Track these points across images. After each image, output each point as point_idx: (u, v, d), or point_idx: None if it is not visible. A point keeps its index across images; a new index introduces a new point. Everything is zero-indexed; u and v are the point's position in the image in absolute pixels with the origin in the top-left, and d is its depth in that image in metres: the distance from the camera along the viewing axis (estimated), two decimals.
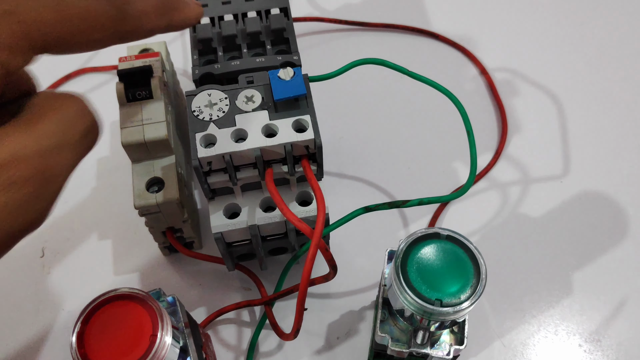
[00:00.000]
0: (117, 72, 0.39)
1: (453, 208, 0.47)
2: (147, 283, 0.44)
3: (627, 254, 0.44)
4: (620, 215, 0.46)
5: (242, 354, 0.41)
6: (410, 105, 0.52)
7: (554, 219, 0.46)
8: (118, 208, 0.47)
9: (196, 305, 0.43)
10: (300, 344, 0.41)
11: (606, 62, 0.55)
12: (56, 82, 0.54)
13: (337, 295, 0.43)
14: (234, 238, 0.37)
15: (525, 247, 0.45)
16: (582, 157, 0.49)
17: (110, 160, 0.49)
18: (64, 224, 0.46)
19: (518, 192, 0.47)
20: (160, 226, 0.40)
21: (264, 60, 0.39)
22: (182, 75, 0.55)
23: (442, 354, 0.33)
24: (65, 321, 0.42)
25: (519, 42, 0.56)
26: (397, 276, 0.29)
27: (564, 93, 0.53)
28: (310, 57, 0.55)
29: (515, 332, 0.41)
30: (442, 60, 0.55)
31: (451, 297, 0.29)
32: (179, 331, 0.30)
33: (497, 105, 0.52)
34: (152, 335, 0.27)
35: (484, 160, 0.49)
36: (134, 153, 0.38)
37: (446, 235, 0.30)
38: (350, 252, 0.44)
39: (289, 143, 0.33)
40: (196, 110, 0.34)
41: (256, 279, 0.42)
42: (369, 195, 0.47)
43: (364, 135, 0.51)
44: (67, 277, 0.44)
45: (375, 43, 0.57)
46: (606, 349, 0.41)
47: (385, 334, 0.33)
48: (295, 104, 0.34)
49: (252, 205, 0.36)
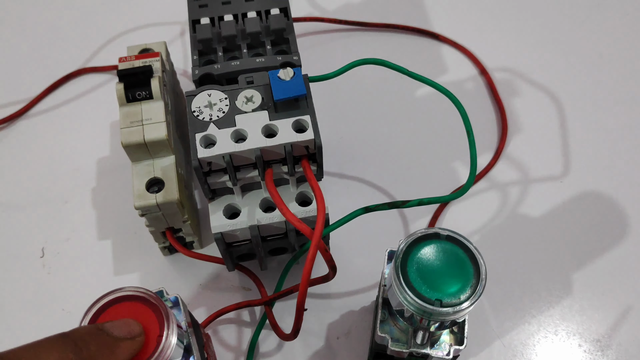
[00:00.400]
0: (117, 72, 0.39)
1: (453, 208, 0.47)
2: (147, 283, 0.44)
3: (627, 254, 0.44)
4: (620, 215, 0.46)
5: (242, 354, 0.41)
6: (410, 105, 0.52)
7: (554, 219, 0.46)
8: (118, 208, 0.47)
9: (196, 305, 0.43)
10: (300, 344, 0.41)
11: (606, 62, 0.55)
12: (56, 82, 0.54)
13: (337, 296, 0.43)
14: (233, 238, 0.37)
15: (525, 247, 0.45)
16: (582, 157, 0.49)
17: (110, 160, 0.49)
18: (64, 224, 0.46)
19: (518, 192, 0.47)
20: (160, 226, 0.40)
21: (264, 60, 0.39)
22: (182, 75, 0.55)
23: (442, 354, 0.33)
24: (66, 321, 0.42)
25: (519, 42, 0.56)
26: (397, 276, 0.29)
27: (564, 93, 0.53)
28: (310, 57, 0.55)
29: (515, 332, 0.41)
30: (442, 60, 0.55)
31: (451, 297, 0.29)
32: (182, 331, 0.30)
33: (497, 105, 0.52)
34: (159, 335, 0.27)
35: (484, 160, 0.49)
36: (134, 153, 0.38)
37: (446, 236, 0.30)
38: (350, 253, 0.44)
39: (289, 143, 0.33)
40: (196, 111, 0.34)
41: (256, 279, 0.42)
42: (369, 195, 0.47)
43: (364, 135, 0.51)
44: (67, 277, 0.44)
45: (375, 43, 0.57)
46: (606, 349, 0.41)
47: (385, 334, 0.33)
48: (295, 104, 0.34)
49: (252, 205, 0.36)
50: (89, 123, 0.52)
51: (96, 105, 0.53)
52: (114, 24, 0.58)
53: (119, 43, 0.57)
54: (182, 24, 0.58)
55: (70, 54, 0.56)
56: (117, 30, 0.58)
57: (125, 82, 0.39)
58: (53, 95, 0.54)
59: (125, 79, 0.39)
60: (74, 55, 0.56)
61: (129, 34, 0.57)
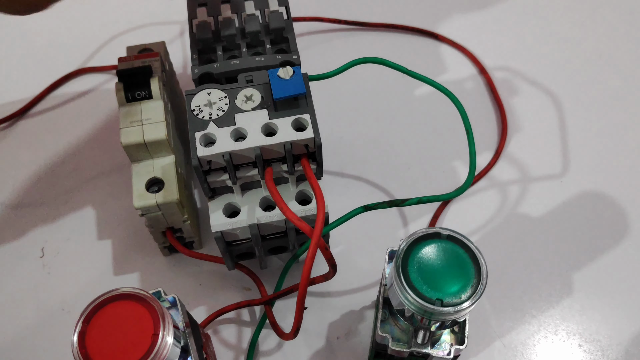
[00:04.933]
0: (116, 72, 0.39)
1: (453, 208, 0.47)
2: (147, 283, 0.44)
3: (627, 253, 0.44)
4: (620, 215, 0.46)
5: (242, 353, 0.41)
6: (410, 104, 0.52)
7: (554, 218, 0.46)
8: (118, 208, 0.47)
9: (196, 305, 0.43)
10: (300, 344, 0.41)
11: (606, 61, 0.55)
12: (56, 82, 0.54)
13: (337, 295, 0.43)
14: (233, 237, 0.37)
15: (525, 247, 0.45)
16: (582, 157, 0.49)
17: (110, 160, 0.49)
18: (64, 224, 0.46)
19: (518, 192, 0.47)
20: (160, 226, 0.40)
21: (264, 59, 0.39)
22: (182, 75, 0.55)
23: (443, 353, 0.33)
24: (65, 321, 0.42)
25: (519, 42, 0.56)
26: (398, 276, 0.29)
27: (564, 93, 0.53)
28: (309, 56, 0.55)
29: (515, 332, 0.41)
30: (441, 60, 0.55)
31: (452, 296, 0.29)
32: (179, 331, 0.30)
33: (497, 105, 0.52)
34: (154, 334, 0.27)
35: (484, 159, 0.49)
36: (134, 153, 0.38)
37: (447, 235, 0.30)
38: (350, 252, 0.44)
39: (289, 142, 0.33)
40: (196, 110, 0.34)
41: (256, 278, 0.42)
42: (368, 194, 0.47)
43: (364, 134, 0.51)
44: (67, 277, 0.44)
45: (375, 43, 0.57)
46: (606, 349, 0.41)
47: (386, 333, 0.33)
48: (295, 102, 0.34)
49: (251, 204, 0.36)
50: (88, 123, 0.52)
51: (96, 105, 0.53)
52: (113, 23, 0.58)
53: (119, 43, 0.57)
54: (182, 23, 0.58)
55: (69, 54, 0.56)
56: (116, 30, 0.58)
57: (125, 82, 0.39)
58: (53, 95, 0.54)
59: (125, 79, 0.39)
60: (73, 55, 0.56)
61: (128, 33, 0.57)
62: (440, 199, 0.37)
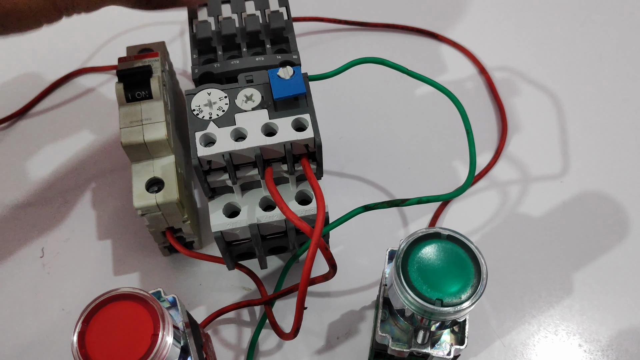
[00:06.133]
0: (116, 72, 0.39)
1: (453, 208, 0.47)
2: (147, 283, 0.44)
3: (627, 254, 0.44)
4: (620, 215, 0.46)
5: (242, 353, 0.41)
6: (410, 104, 0.52)
7: (554, 218, 0.46)
8: (118, 208, 0.47)
9: (196, 305, 0.43)
10: (300, 344, 0.41)
11: (606, 62, 0.55)
12: (56, 82, 0.54)
13: (337, 295, 0.43)
14: (233, 237, 0.37)
15: (525, 247, 0.45)
16: (582, 157, 0.49)
17: (110, 160, 0.49)
18: (64, 224, 0.46)
19: (518, 192, 0.47)
20: (160, 226, 0.40)
21: (264, 59, 0.39)
22: (182, 75, 0.55)
23: (443, 353, 0.33)
24: (65, 321, 0.42)
25: (519, 42, 0.56)
26: (398, 276, 0.29)
27: (564, 93, 0.53)
28: (310, 56, 0.55)
29: (515, 332, 0.41)
30: (441, 59, 0.55)
31: (452, 296, 0.29)
32: (179, 331, 0.30)
33: (497, 105, 0.52)
34: (154, 334, 0.27)
35: (484, 159, 0.49)
36: (134, 153, 0.38)
37: (447, 235, 0.30)
38: (350, 252, 0.44)
39: (289, 142, 0.33)
40: (196, 110, 0.34)
41: (256, 278, 0.42)
42: (368, 194, 0.47)
43: (364, 134, 0.51)
44: (67, 277, 0.44)
45: (375, 43, 0.57)
46: (606, 349, 0.41)
47: (386, 333, 0.33)
48: (295, 102, 0.34)
49: (251, 204, 0.36)
50: (88, 123, 0.52)
51: (96, 105, 0.53)
52: (113, 23, 0.58)
53: (118, 43, 0.57)
54: (182, 23, 0.58)
55: (69, 54, 0.56)
56: (116, 30, 0.58)
57: (125, 82, 0.39)
58: (53, 95, 0.54)
59: (125, 79, 0.39)
60: (73, 55, 0.56)
61: (128, 33, 0.57)
62: (440, 199, 0.37)
